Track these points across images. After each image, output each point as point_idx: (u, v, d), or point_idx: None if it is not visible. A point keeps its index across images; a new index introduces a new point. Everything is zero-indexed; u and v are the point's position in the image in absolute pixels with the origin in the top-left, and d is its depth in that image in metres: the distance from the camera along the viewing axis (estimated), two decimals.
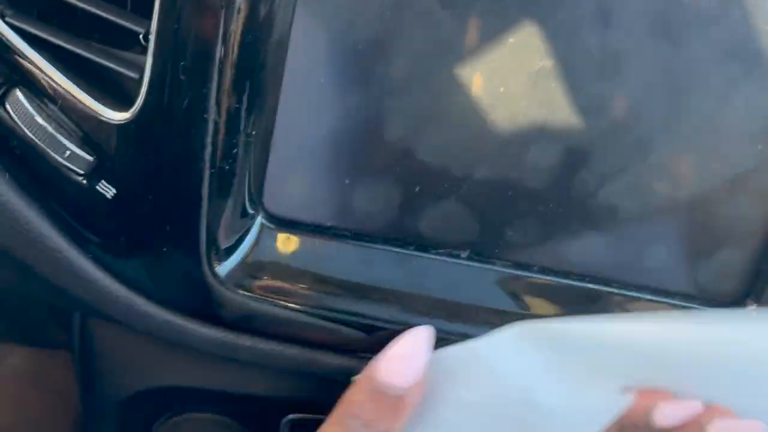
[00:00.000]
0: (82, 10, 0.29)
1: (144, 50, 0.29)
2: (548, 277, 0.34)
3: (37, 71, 0.30)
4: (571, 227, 0.33)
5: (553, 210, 0.33)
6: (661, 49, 0.31)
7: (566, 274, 0.34)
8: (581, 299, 0.34)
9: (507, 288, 0.34)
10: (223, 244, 0.31)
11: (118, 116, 0.29)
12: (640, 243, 0.34)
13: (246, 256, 0.31)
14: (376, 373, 0.27)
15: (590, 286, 0.34)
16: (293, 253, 0.32)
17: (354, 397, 0.28)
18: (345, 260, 0.32)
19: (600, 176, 0.32)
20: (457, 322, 0.33)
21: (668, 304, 0.34)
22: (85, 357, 0.39)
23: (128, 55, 0.30)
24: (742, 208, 0.33)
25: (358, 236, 0.33)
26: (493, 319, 0.33)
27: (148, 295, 0.32)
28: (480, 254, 0.33)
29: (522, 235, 0.33)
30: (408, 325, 0.30)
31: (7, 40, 0.29)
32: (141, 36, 0.28)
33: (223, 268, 0.31)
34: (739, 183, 0.33)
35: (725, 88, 0.31)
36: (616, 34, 0.30)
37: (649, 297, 0.34)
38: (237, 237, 0.31)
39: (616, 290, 0.34)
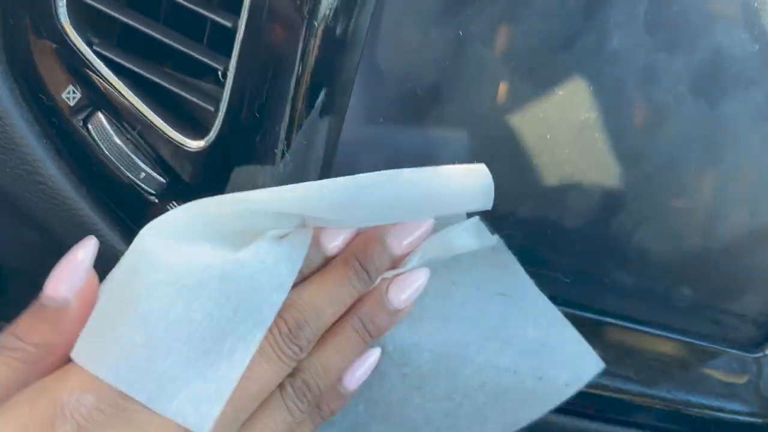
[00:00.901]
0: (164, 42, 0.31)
1: (219, 82, 0.31)
2: (576, 311, 0.36)
3: (119, 97, 0.32)
4: (605, 266, 0.35)
5: (589, 249, 0.35)
6: (699, 106, 0.33)
7: (596, 310, 0.36)
8: (609, 333, 0.36)
9: None
10: None
11: (194, 144, 0.31)
12: (667, 284, 0.36)
13: None
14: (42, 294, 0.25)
15: (617, 321, 0.36)
16: None
17: (18, 321, 0.26)
18: None
19: (634, 221, 0.34)
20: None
21: (689, 343, 0.36)
22: None
23: (204, 85, 0.32)
24: (766, 257, 0.35)
25: None
26: None
27: None
28: None
29: (557, 271, 0.35)
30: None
31: (94, 67, 0.32)
32: (219, 72, 0.31)
33: None
34: (766, 234, 0.35)
35: (757, 145, 0.33)
36: (659, 91, 0.32)
37: (672, 335, 0.36)
38: None
39: (640, 327, 0.36)
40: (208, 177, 0.32)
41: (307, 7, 0.29)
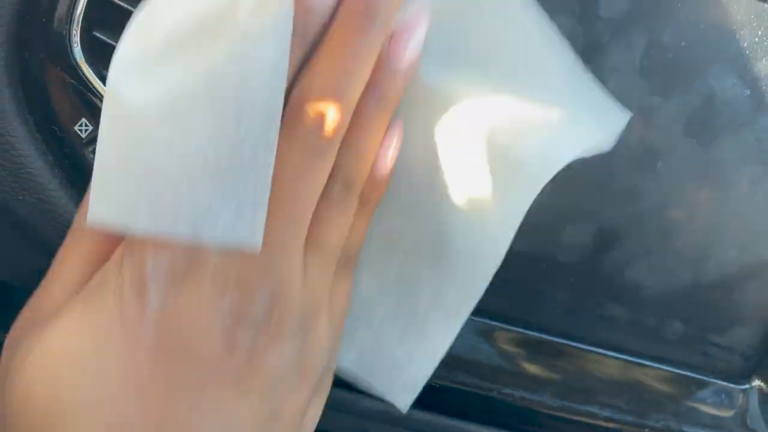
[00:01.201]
0: None
1: None
2: (572, 342, 0.37)
3: None
4: (597, 299, 0.36)
5: (582, 282, 0.36)
6: (692, 147, 0.34)
7: (588, 341, 0.37)
8: (600, 364, 0.37)
9: (533, 351, 0.37)
10: None
11: None
12: (658, 317, 0.37)
13: None
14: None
15: (609, 353, 0.37)
16: None
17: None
18: None
19: (627, 256, 0.35)
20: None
21: (679, 374, 0.37)
22: None
23: None
24: (754, 293, 0.36)
25: None
26: (510, 380, 0.36)
27: None
28: (508, 319, 0.37)
29: (550, 303, 0.36)
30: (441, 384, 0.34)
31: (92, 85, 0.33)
32: None
33: None
34: (756, 270, 0.36)
35: (747, 185, 0.34)
36: (653, 132, 0.33)
37: (662, 367, 0.37)
38: None
39: (631, 358, 0.37)
40: None
41: None
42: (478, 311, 0.36)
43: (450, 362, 0.36)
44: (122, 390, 0.22)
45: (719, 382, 0.37)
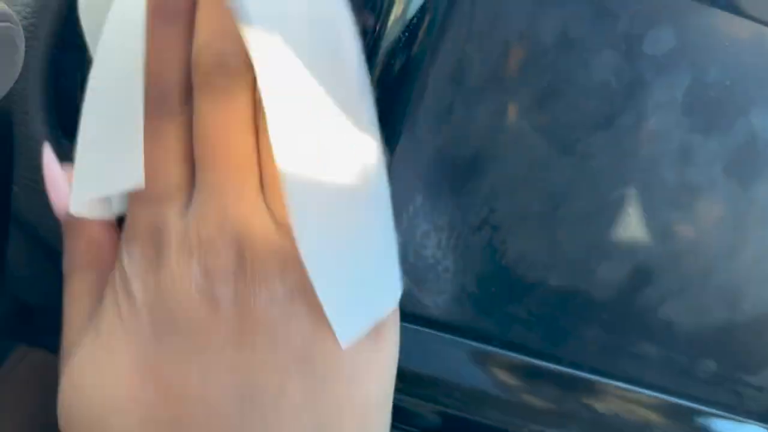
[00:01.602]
0: None
1: None
2: (603, 379, 0.36)
3: None
4: (629, 336, 0.36)
5: (615, 319, 0.35)
6: (732, 187, 0.33)
7: (621, 377, 0.36)
8: (630, 401, 0.37)
9: (564, 387, 0.36)
10: None
11: None
12: (691, 356, 0.36)
13: None
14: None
15: (640, 390, 0.37)
16: None
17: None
18: (416, 347, 0.35)
19: (662, 294, 0.35)
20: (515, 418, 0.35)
21: (710, 413, 0.37)
22: None
23: None
24: None
25: (430, 324, 0.35)
26: (539, 415, 0.36)
27: None
28: (540, 353, 0.36)
29: (583, 339, 0.36)
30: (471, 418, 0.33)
31: None
32: None
33: None
34: None
35: None
36: (693, 170, 0.33)
37: (694, 405, 0.37)
38: None
39: (661, 395, 0.37)
40: None
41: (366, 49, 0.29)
42: (510, 345, 0.36)
43: (477, 396, 0.36)
44: (141, 383, 0.22)
45: (752, 422, 0.37)
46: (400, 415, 0.35)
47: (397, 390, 0.32)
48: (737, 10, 0.32)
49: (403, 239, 0.33)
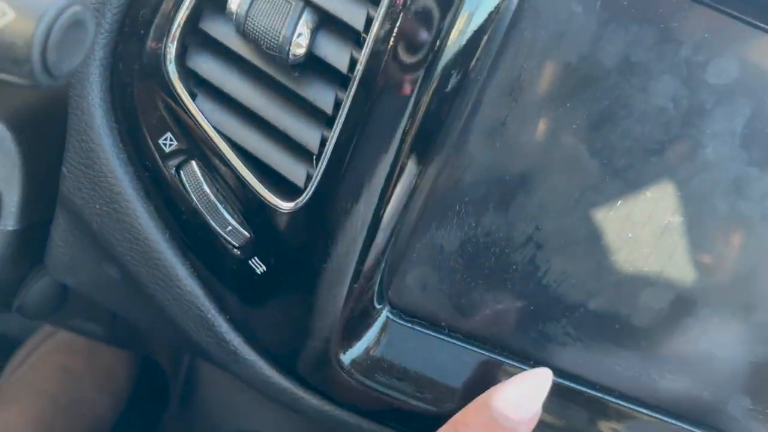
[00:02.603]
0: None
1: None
2: (634, 407, 0.36)
3: (215, 149, 0.32)
4: (666, 365, 0.35)
5: (653, 347, 0.35)
6: None
7: (652, 407, 0.36)
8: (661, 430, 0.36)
9: (594, 412, 0.36)
10: (352, 332, 0.33)
11: (285, 206, 0.32)
12: (726, 390, 0.36)
13: (370, 348, 0.34)
14: (494, 402, 0.26)
15: (672, 421, 0.36)
16: (411, 350, 0.34)
17: (468, 420, 0.27)
18: (455, 363, 0.35)
19: (703, 325, 0.34)
20: None
21: None
22: (187, 388, 0.42)
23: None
24: None
25: (469, 341, 0.35)
26: None
27: (274, 362, 0.35)
28: (573, 376, 0.36)
29: (620, 365, 0.35)
30: None
31: (195, 118, 0.32)
32: (314, 157, 0.31)
33: (348, 356, 0.34)
34: None
35: None
36: (746, 204, 0.32)
37: None
38: (364, 327, 0.34)
39: (693, 428, 0.36)
40: (293, 237, 0.32)
41: (426, 62, 0.29)
42: (543, 364, 0.35)
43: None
44: None
45: None
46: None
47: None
48: None
49: (445, 249, 0.33)
